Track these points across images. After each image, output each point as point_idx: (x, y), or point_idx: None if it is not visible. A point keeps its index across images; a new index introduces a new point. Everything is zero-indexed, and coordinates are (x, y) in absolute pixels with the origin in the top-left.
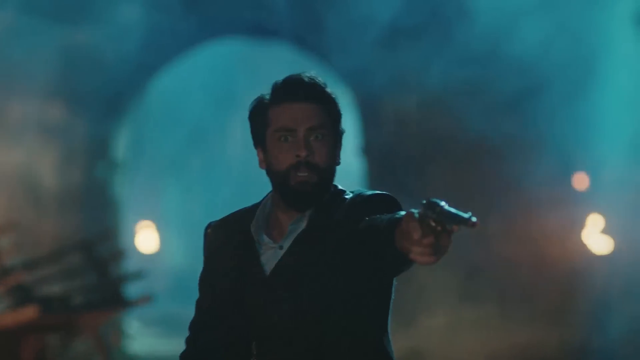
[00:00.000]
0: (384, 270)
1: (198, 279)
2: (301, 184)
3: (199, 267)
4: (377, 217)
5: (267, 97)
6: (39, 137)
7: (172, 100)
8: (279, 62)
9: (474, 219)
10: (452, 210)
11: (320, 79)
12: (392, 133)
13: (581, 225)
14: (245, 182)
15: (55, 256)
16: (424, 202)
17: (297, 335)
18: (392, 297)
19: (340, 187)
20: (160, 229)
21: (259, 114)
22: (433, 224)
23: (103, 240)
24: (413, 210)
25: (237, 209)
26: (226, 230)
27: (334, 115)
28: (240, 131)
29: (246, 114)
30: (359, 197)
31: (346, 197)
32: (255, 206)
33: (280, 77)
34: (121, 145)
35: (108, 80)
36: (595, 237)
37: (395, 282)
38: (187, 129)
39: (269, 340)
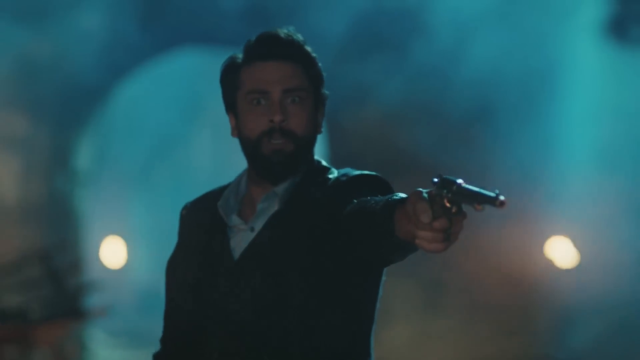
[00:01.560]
0: (375, 260)
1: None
2: (275, 152)
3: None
4: (368, 199)
5: (240, 56)
6: None
7: (136, 110)
8: None
9: (502, 198)
10: (474, 188)
11: (299, 36)
12: (355, 146)
13: (545, 238)
14: None
15: (12, 267)
16: (436, 180)
17: (261, 329)
18: (380, 294)
19: (324, 163)
20: (126, 242)
21: (230, 76)
22: (448, 204)
23: (62, 251)
24: (420, 189)
25: None
26: (199, 210)
27: (314, 76)
28: (207, 141)
29: (212, 123)
30: (344, 176)
31: (330, 175)
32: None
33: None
34: (84, 156)
35: (69, 89)
36: (559, 251)
37: (384, 278)
38: (153, 139)
39: (232, 334)
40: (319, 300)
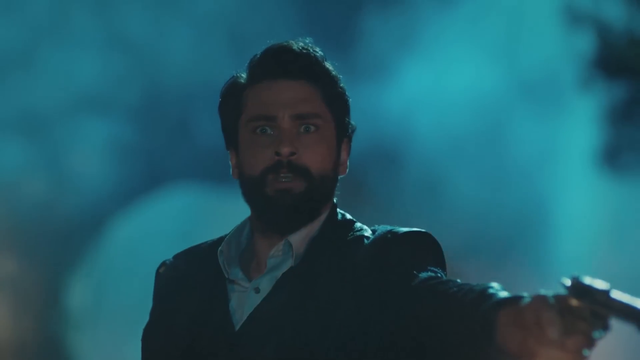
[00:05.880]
0: None
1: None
2: (281, 192)
3: None
4: (446, 281)
5: (243, 75)
6: None
7: (131, 248)
8: (237, 205)
9: None
10: (628, 300)
11: (318, 50)
12: None
13: None
14: None
15: None
16: (569, 283)
17: None
18: None
19: (349, 216)
20: None
21: (230, 100)
22: (588, 317)
23: None
24: (544, 292)
25: None
26: (186, 266)
27: (336, 101)
28: None
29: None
30: (390, 234)
31: (364, 232)
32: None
33: (238, 219)
34: (77, 296)
35: (60, 226)
36: None
37: None
38: (147, 275)
39: None
40: None
